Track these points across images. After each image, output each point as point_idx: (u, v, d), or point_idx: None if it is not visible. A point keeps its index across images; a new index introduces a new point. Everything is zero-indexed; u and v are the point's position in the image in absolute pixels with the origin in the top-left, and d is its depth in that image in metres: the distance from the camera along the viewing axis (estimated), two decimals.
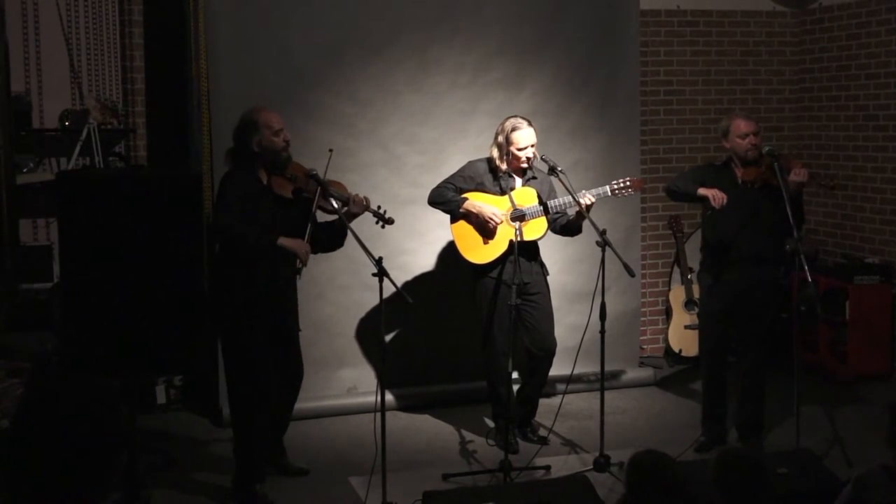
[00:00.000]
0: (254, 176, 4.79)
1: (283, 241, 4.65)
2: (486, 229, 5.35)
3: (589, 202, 5.23)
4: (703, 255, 5.53)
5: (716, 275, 5.43)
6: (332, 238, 5.00)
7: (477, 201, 5.36)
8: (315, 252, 5.07)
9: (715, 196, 5.22)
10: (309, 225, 4.73)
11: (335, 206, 4.82)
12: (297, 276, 4.75)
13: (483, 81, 6.33)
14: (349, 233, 4.74)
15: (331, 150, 4.91)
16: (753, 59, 7.61)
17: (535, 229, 5.36)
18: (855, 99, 7.29)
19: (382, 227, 4.99)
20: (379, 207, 4.96)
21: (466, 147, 6.08)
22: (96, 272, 4.36)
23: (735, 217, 5.24)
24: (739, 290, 5.36)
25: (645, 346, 7.38)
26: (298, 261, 4.67)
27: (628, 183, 5.39)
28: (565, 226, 5.44)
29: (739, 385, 5.50)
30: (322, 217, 4.95)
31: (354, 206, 4.86)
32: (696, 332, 6.95)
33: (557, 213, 5.39)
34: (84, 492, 1.89)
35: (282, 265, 4.75)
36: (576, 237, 5.67)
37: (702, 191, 5.28)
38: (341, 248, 5.14)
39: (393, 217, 4.99)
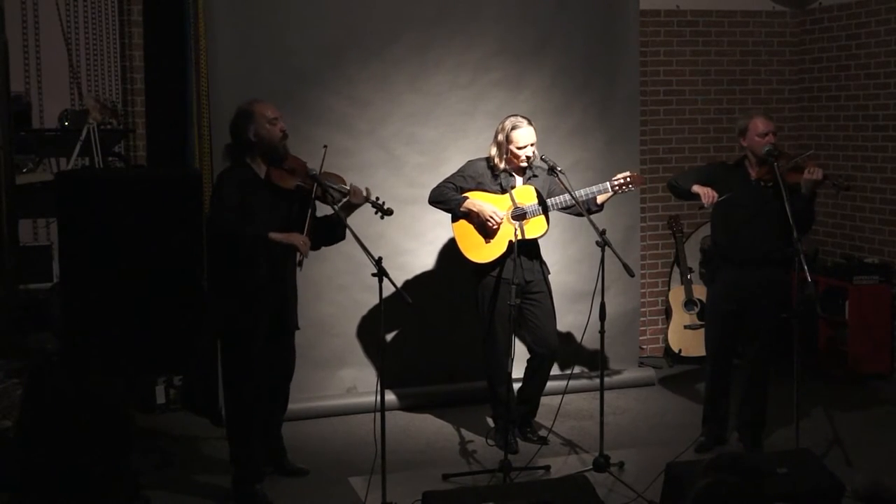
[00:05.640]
0: (251, 169, 4.77)
1: (275, 235, 4.62)
2: (486, 228, 5.35)
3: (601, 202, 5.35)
4: (712, 254, 5.50)
5: (725, 275, 5.40)
6: (331, 232, 4.99)
7: (478, 200, 5.36)
8: (316, 247, 5.06)
9: (706, 194, 5.21)
10: (308, 217, 4.71)
11: (335, 198, 4.82)
12: (299, 268, 4.70)
13: (483, 81, 6.33)
14: (349, 232, 4.73)
15: (325, 147, 4.90)
16: (753, 58, 7.61)
17: (536, 227, 5.36)
18: (854, 99, 7.29)
19: (382, 217, 4.96)
20: (378, 199, 4.95)
21: (466, 147, 6.08)
22: (96, 272, 4.37)
23: (746, 216, 5.22)
24: (749, 291, 5.32)
25: (645, 346, 7.38)
26: (299, 253, 4.65)
27: (628, 178, 5.37)
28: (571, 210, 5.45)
29: (742, 386, 5.49)
30: (322, 210, 4.95)
31: (354, 198, 4.86)
32: (696, 332, 6.96)
33: (565, 207, 5.39)
34: (91, 492, 1.88)
35: (281, 262, 4.74)
36: (575, 237, 5.67)
37: (695, 188, 5.28)
38: (341, 249, 5.12)
39: (392, 208, 4.98)
